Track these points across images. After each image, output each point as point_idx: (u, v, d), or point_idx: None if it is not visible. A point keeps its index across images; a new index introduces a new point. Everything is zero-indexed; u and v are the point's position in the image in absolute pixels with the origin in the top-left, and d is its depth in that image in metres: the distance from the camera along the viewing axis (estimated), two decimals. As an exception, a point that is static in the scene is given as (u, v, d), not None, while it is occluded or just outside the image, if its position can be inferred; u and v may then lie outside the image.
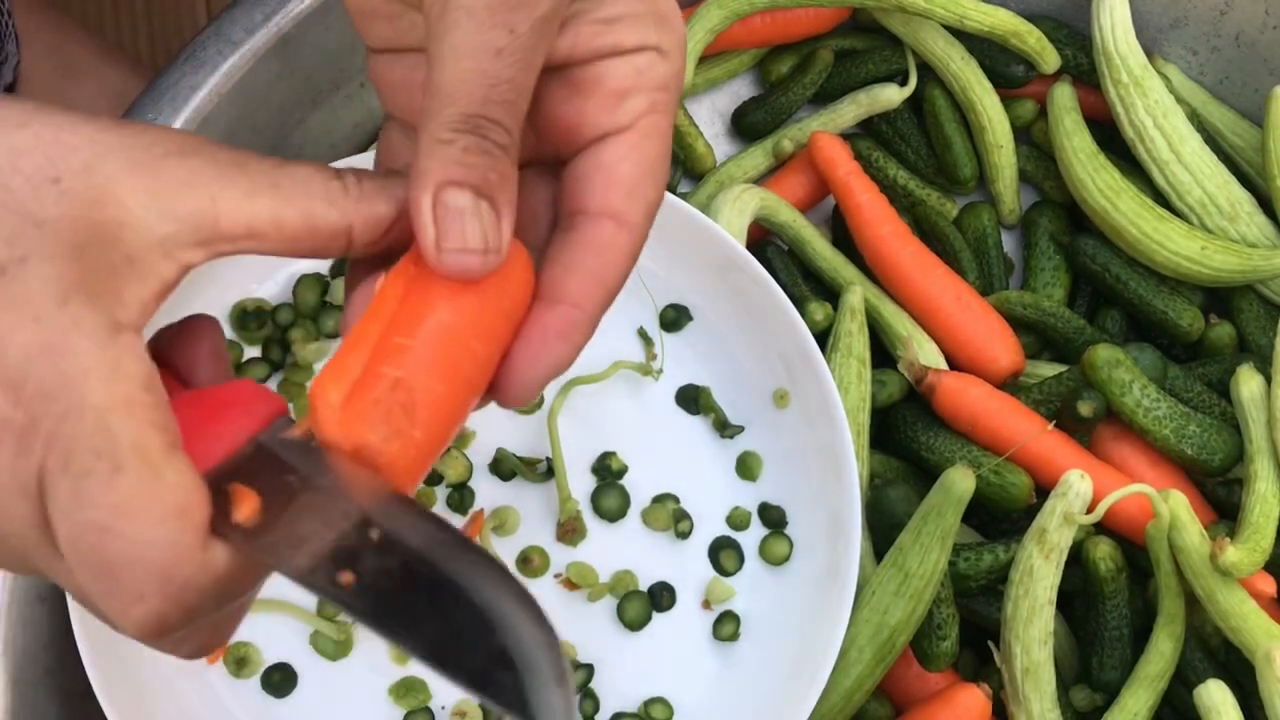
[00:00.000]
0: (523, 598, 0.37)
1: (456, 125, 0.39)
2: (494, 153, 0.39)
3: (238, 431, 0.39)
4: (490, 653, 0.35)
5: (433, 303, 0.39)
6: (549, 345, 0.41)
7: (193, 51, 0.64)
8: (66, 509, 0.35)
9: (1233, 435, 0.71)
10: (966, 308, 0.75)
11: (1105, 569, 0.68)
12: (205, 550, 0.36)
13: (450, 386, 0.39)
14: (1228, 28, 0.79)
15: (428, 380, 0.39)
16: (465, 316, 0.39)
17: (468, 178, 0.39)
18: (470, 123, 0.39)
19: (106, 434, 0.35)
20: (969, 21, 0.78)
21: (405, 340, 0.39)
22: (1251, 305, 0.77)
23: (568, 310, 0.41)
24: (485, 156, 0.39)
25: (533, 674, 0.35)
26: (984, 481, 0.69)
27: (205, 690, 0.64)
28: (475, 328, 0.40)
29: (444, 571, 0.36)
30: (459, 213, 0.39)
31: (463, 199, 0.39)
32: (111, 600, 0.36)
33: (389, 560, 0.36)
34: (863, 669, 0.66)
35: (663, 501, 0.68)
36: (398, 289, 0.40)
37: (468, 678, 0.35)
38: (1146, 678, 0.67)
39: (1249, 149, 0.80)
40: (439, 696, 0.65)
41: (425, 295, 0.39)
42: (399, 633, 0.36)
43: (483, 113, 0.39)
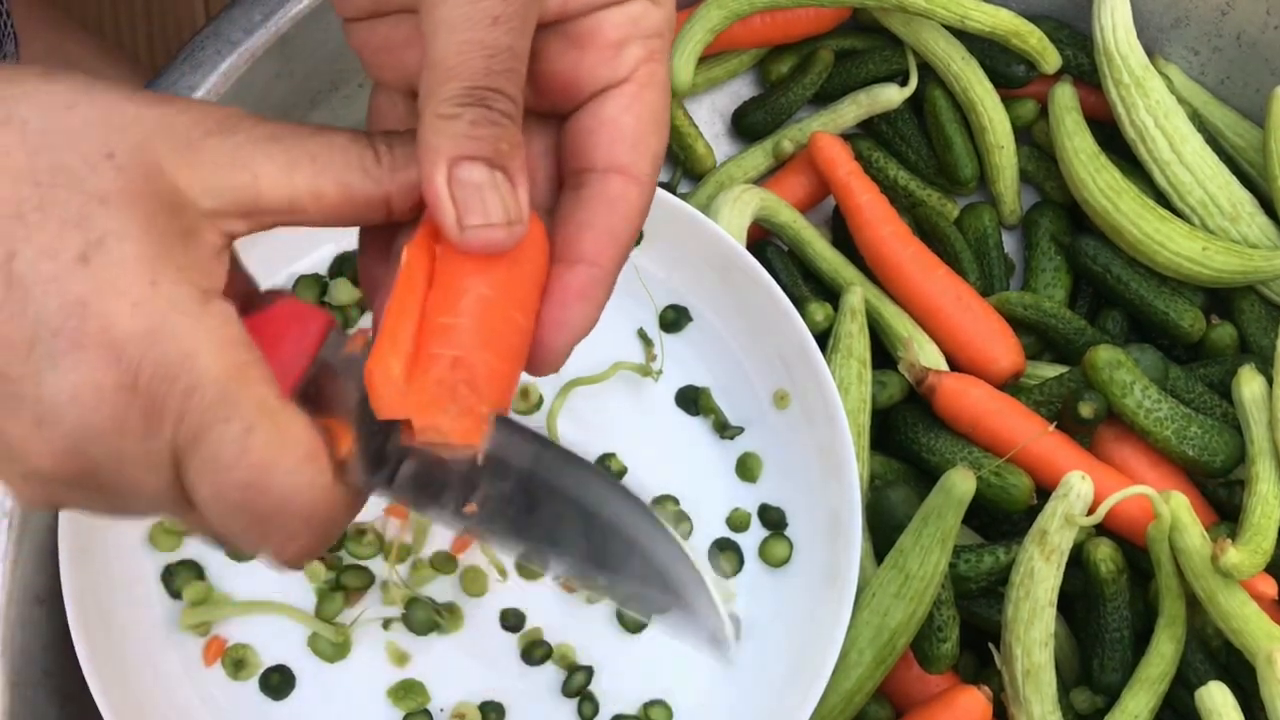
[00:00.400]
0: (643, 509, 0.39)
1: (460, 99, 0.38)
2: (501, 122, 0.39)
3: (302, 355, 0.40)
4: (638, 564, 0.38)
5: (466, 277, 0.39)
6: (573, 308, 0.41)
7: (191, 52, 0.64)
8: (210, 474, 0.37)
9: (1234, 436, 0.71)
10: (967, 308, 0.75)
11: (1106, 570, 0.68)
12: (336, 485, 0.39)
13: (502, 358, 0.39)
14: (1229, 28, 0.79)
15: (484, 355, 0.39)
16: (500, 287, 0.39)
17: (479, 151, 0.38)
18: (474, 95, 0.38)
19: (230, 402, 0.37)
20: (970, 21, 0.77)
21: (451, 319, 0.39)
22: (1253, 306, 0.77)
23: (586, 269, 0.41)
24: (493, 127, 0.39)
25: (683, 584, 0.39)
26: (985, 483, 0.69)
27: (203, 692, 0.64)
28: (511, 297, 0.40)
29: (562, 490, 0.39)
30: (476, 187, 0.38)
31: (478, 173, 0.38)
32: (267, 543, 0.39)
33: (505, 486, 0.39)
34: (863, 671, 0.66)
35: (662, 503, 0.68)
36: (423, 264, 0.39)
37: (624, 584, 0.38)
38: (1147, 680, 0.67)
39: (1250, 149, 0.79)
40: (437, 699, 0.65)
41: (456, 271, 0.39)
42: (536, 554, 0.39)
43: (485, 84, 0.38)
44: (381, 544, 0.66)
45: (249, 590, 0.65)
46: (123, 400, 0.36)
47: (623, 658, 0.66)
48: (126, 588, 0.64)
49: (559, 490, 0.39)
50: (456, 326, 0.39)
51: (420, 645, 0.65)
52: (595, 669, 0.66)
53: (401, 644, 0.65)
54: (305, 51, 0.67)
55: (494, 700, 0.65)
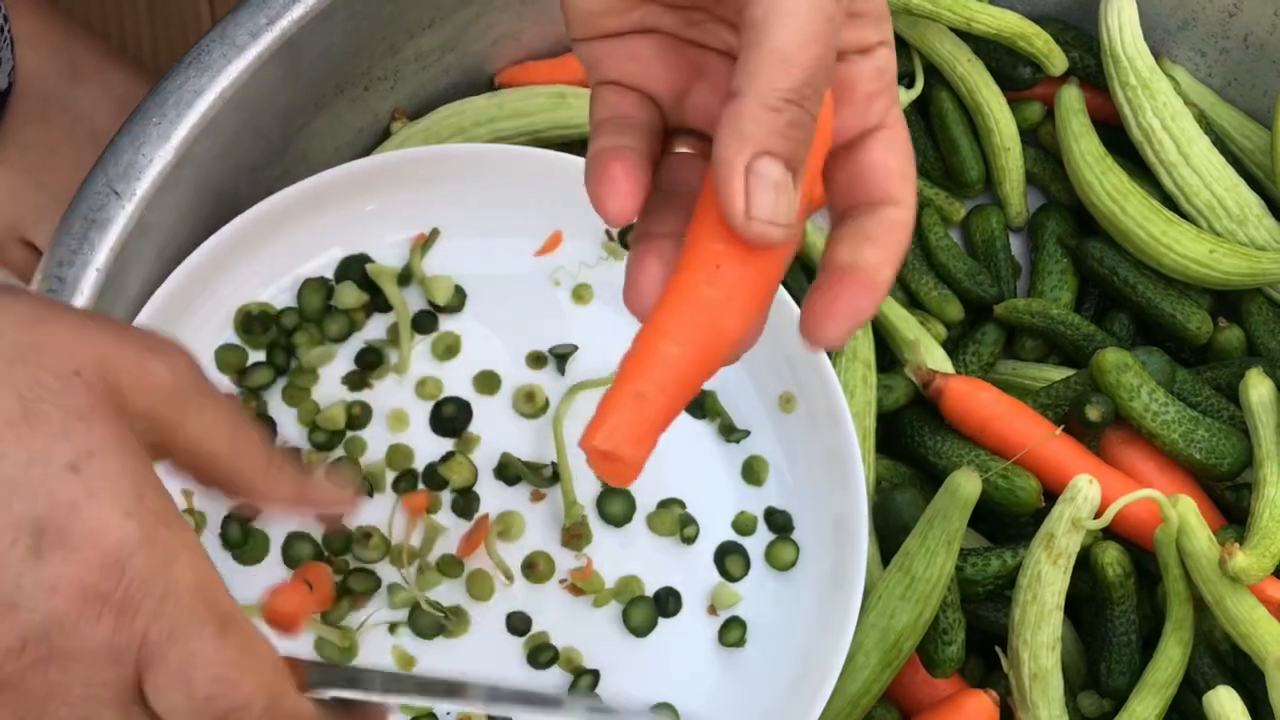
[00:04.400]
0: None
1: (790, 94, 0.39)
2: (809, 127, 0.40)
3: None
4: None
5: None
6: (860, 296, 0.43)
7: (197, 55, 0.64)
8: (182, 671, 0.39)
9: (1242, 439, 0.71)
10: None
11: (1113, 574, 0.68)
12: (301, 700, 0.42)
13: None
14: (1236, 29, 0.78)
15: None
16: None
17: (783, 150, 0.40)
18: (801, 93, 0.39)
19: (206, 606, 0.40)
20: (976, 24, 0.77)
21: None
22: (1260, 309, 0.77)
23: (871, 271, 0.43)
24: (803, 131, 0.40)
25: None
26: (992, 486, 0.69)
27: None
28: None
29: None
30: (772, 184, 0.40)
31: (777, 171, 0.40)
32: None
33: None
34: (869, 674, 0.66)
35: (668, 506, 0.68)
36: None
37: None
38: (1155, 684, 0.66)
39: (1258, 151, 0.79)
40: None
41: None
42: None
43: (813, 82, 0.40)
44: (388, 547, 0.66)
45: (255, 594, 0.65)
46: (101, 599, 0.38)
47: (629, 661, 0.66)
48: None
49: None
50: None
51: (427, 648, 0.65)
52: (601, 672, 0.66)
53: (408, 647, 0.65)
54: (311, 55, 0.67)
55: (500, 704, 0.65)
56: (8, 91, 0.80)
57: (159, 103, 0.64)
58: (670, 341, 0.43)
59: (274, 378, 0.67)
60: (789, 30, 0.39)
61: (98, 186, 0.62)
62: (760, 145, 0.39)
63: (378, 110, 0.75)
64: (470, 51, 0.76)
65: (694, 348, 0.43)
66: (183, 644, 0.39)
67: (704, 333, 0.43)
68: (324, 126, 0.72)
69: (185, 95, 0.64)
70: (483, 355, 0.69)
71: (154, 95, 0.64)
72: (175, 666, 0.39)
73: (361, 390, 0.68)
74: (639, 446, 0.42)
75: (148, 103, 0.64)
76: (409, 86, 0.75)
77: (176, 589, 0.39)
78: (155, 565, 0.39)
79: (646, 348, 0.43)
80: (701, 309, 0.43)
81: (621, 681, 0.66)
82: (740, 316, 0.43)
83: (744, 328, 0.43)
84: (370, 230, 0.69)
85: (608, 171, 0.43)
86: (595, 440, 0.42)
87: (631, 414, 0.42)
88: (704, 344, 0.43)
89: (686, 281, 0.43)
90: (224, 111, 0.65)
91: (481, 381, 0.68)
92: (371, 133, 0.75)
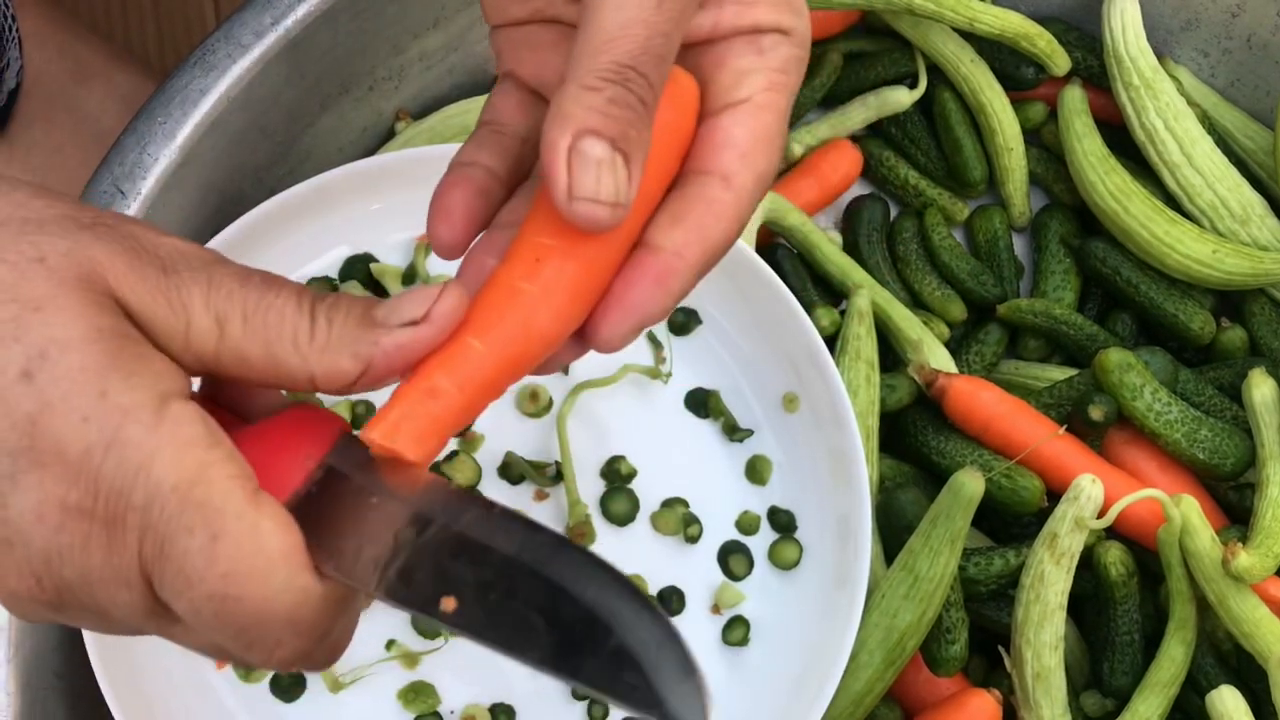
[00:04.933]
0: (631, 593, 0.36)
1: (607, 73, 0.39)
2: (637, 108, 0.39)
3: (306, 459, 0.39)
4: (611, 653, 0.35)
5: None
6: (645, 290, 0.40)
7: (202, 55, 0.64)
8: (179, 589, 0.36)
9: (1244, 439, 0.71)
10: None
11: (1116, 574, 0.68)
12: (318, 585, 0.37)
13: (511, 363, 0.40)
14: (1239, 30, 0.78)
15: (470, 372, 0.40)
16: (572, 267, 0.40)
17: (607, 128, 0.38)
18: (621, 73, 0.39)
19: (193, 508, 0.36)
20: (979, 24, 0.77)
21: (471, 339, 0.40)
22: (1263, 309, 0.77)
23: (668, 257, 0.41)
24: (628, 110, 0.39)
25: (658, 670, 0.35)
26: (995, 485, 0.69)
27: (214, 694, 0.64)
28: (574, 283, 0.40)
29: (545, 575, 0.36)
30: (595, 162, 0.38)
31: (600, 149, 0.38)
32: (252, 654, 0.37)
33: (486, 573, 0.37)
34: (872, 673, 0.66)
35: (672, 505, 0.68)
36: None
37: (593, 682, 0.35)
38: (1158, 683, 0.66)
39: (1260, 152, 0.79)
40: (448, 701, 0.65)
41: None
42: (513, 647, 0.36)
43: (635, 64, 0.39)
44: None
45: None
46: (84, 517, 0.35)
47: (632, 660, 0.66)
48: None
49: (541, 575, 0.37)
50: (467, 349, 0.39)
51: (429, 648, 0.65)
52: (605, 672, 0.66)
53: (411, 646, 0.65)
54: (315, 55, 0.67)
55: (504, 702, 0.65)
56: (16, 91, 0.80)
57: (164, 102, 0.64)
58: (475, 336, 0.39)
59: (278, 377, 0.67)
60: (611, 11, 0.39)
61: (103, 185, 0.63)
62: (581, 124, 0.38)
63: (382, 110, 0.75)
64: (474, 51, 0.76)
65: (500, 345, 0.39)
66: (175, 561, 0.36)
67: (513, 330, 0.40)
68: (328, 126, 0.72)
69: (190, 95, 0.64)
70: (486, 354, 0.69)
71: (159, 95, 0.64)
72: (171, 586, 0.36)
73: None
74: (422, 445, 0.38)
75: (153, 102, 0.64)
76: (413, 86, 0.75)
77: (160, 493, 0.36)
78: (129, 470, 0.35)
79: (451, 341, 0.39)
80: (514, 305, 0.40)
81: (625, 680, 0.66)
82: (555, 316, 0.40)
83: (559, 328, 0.40)
84: (375, 230, 0.69)
85: (444, 201, 0.42)
86: (374, 434, 0.38)
87: (420, 410, 0.38)
88: (512, 342, 0.40)
89: (503, 275, 0.40)
90: (229, 111, 0.65)
91: (485, 381, 0.68)
92: (376, 133, 0.76)
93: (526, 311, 0.40)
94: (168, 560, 0.36)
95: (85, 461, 0.35)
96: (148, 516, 0.36)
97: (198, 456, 0.36)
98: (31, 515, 0.35)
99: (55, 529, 0.35)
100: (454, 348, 0.39)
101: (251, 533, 0.36)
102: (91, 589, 0.36)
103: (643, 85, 0.39)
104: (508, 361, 0.40)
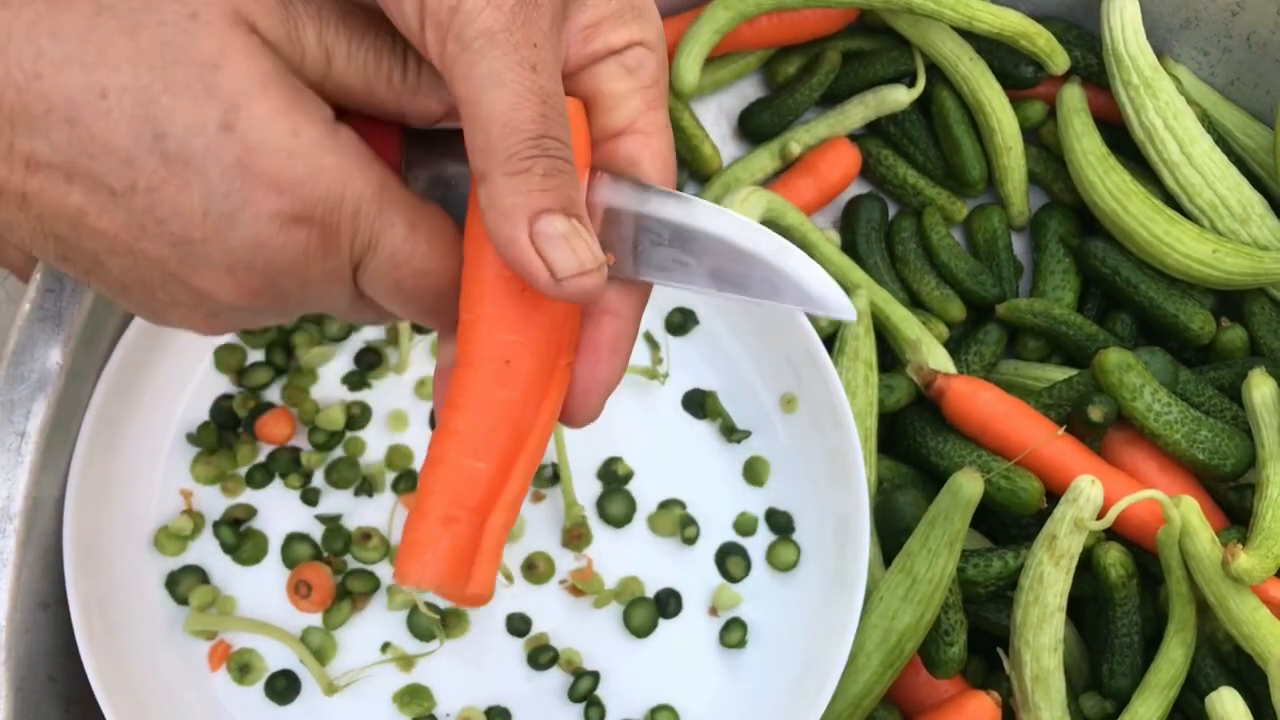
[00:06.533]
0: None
1: (526, 152, 0.39)
2: (566, 170, 0.40)
3: (394, 159, 0.44)
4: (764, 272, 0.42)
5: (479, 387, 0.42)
6: (604, 362, 0.43)
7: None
8: (389, 270, 0.42)
9: (1244, 440, 0.70)
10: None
11: (1116, 575, 0.68)
12: None
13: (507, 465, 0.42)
14: (1239, 28, 0.78)
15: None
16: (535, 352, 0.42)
17: (555, 202, 0.39)
18: (539, 145, 0.39)
19: (390, 210, 0.42)
20: (978, 23, 0.77)
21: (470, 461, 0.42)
22: (1263, 308, 0.76)
23: (610, 320, 0.43)
24: (561, 177, 0.40)
25: (805, 277, 0.42)
26: (994, 486, 0.69)
27: (208, 697, 0.64)
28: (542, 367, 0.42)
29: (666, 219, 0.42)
30: (563, 238, 0.39)
31: (559, 224, 0.39)
32: (439, 312, 0.43)
33: (623, 230, 0.42)
34: (870, 675, 0.66)
35: (669, 507, 0.67)
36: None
37: (759, 293, 0.41)
38: (1157, 685, 0.66)
39: (1260, 151, 0.79)
40: (443, 703, 0.65)
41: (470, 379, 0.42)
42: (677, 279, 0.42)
43: (545, 132, 0.39)
44: (388, 548, 0.66)
45: (253, 596, 0.65)
46: (302, 235, 0.41)
47: (629, 663, 0.66)
48: (131, 593, 0.64)
49: (668, 221, 0.42)
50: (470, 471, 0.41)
51: (425, 650, 0.65)
52: (601, 674, 0.66)
53: (406, 648, 0.65)
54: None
55: (500, 705, 0.65)
56: None
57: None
58: (473, 457, 0.40)
59: (273, 377, 0.67)
60: (494, 93, 0.39)
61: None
62: (530, 209, 0.39)
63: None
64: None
65: (500, 457, 0.41)
66: (383, 250, 0.42)
67: (507, 439, 0.41)
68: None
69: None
70: (483, 355, 0.69)
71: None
72: (380, 270, 0.42)
73: (361, 390, 0.68)
74: (460, 577, 0.40)
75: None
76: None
77: (362, 202, 0.41)
78: (335, 189, 0.41)
79: (449, 465, 0.41)
80: (499, 415, 0.41)
81: (622, 683, 0.66)
82: (541, 410, 0.41)
83: (550, 413, 0.42)
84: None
85: None
86: (410, 580, 0.40)
87: (446, 543, 0.40)
88: (509, 450, 0.41)
89: (476, 385, 0.41)
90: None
91: (481, 381, 0.68)
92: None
93: (514, 416, 0.41)
94: (377, 250, 0.42)
95: (297, 189, 0.40)
96: (357, 222, 0.41)
97: (378, 171, 0.42)
98: (252, 244, 0.40)
99: (277, 249, 0.41)
100: (454, 473, 0.41)
101: (436, 221, 0.42)
102: (306, 291, 0.42)
103: (559, 147, 0.40)
104: (515, 469, 0.41)
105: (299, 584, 0.65)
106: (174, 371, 0.66)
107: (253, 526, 0.65)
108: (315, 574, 0.65)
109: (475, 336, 0.41)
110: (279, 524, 0.66)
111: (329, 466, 0.66)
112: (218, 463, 0.65)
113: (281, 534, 0.66)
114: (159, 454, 0.65)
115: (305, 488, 0.66)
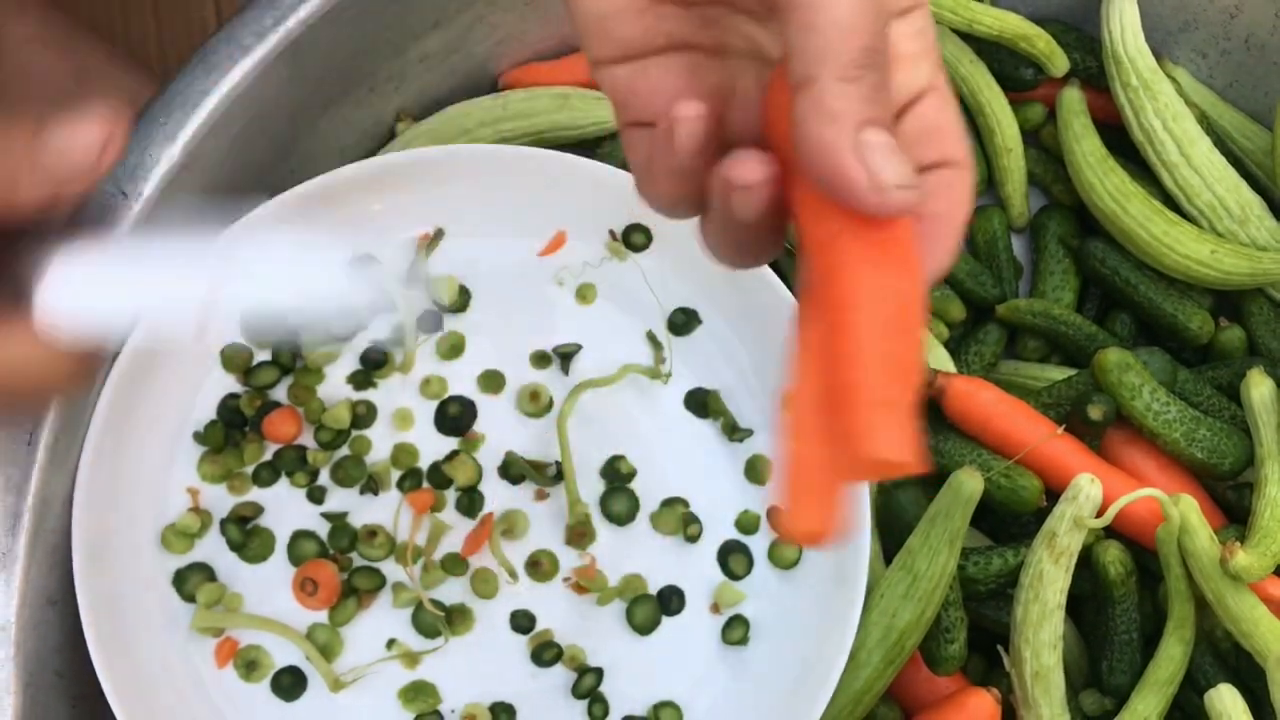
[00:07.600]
0: None
1: (861, 60, 0.38)
2: (887, 88, 0.39)
3: None
4: None
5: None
6: (935, 244, 0.42)
7: (203, 56, 0.65)
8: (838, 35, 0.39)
9: (1243, 439, 0.71)
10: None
11: (1115, 573, 0.68)
12: None
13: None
14: (1238, 30, 0.79)
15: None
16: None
17: (879, 115, 0.38)
18: (871, 57, 0.38)
19: None
20: (978, 25, 0.77)
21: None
22: (1261, 309, 0.77)
23: (941, 223, 0.42)
24: (885, 91, 0.39)
25: None
26: (994, 485, 0.69)
27: (214, 693, 0.64)
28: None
29: None
30: (886, 150, 0.38)
31: (882, 137, 0.38)
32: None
33: None
34: (871, 672, 0.66)
35: (672, 505, 0.68)
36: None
37: None
38: (1156, 682, 0.67)
39: (1259, 152, 0.79)
40: (448, 700, 0.65)
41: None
42: None
43: (877, 45, 0.38)
44: (393, 545, 0.66)
45: (259, 593, 0.65)
46: None
47: (633, 659, 0.66)
48: (139, 589, 0.64)
49: None
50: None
51: (430, 647, 0.66)
52: (605, 671, 0.66)
53: (411, 645, 0.66)
54: (317, 56, 0.68)
55: (504, 701, 0.65)
56: None
57: (165, 104, 0.64)
58: (887, 342, 0.39)
59: (279, 376, 0.68)
60: (832, 5, 0.38)
61: (105, 187, 0.63)
62: (858, 117, 0.38)
63: (383, 111, 0.75)
64: (474, 53, 0.76)
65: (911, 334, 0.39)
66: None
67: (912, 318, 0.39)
68: (329, 127, 0.73)
69: (191, 96, 0.64)
70: (487, 355, 0.69)
71: (160, 96, 0.64)
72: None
73: (366, 389, 0.68)
74: (911, 449, 0.38)
75: (154, 104, 0.64)
76: (414, 88, 0.75)
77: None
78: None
79: (863, 352, 0.39)
80: (875, 289, 0.39)
81: (625, 679, 0.66)
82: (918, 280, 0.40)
83: (931, 269, 0.41)
84: (376, 230, 0.69)
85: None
86: (879, 451, 0.38)
87: (898, 420, 0.38)
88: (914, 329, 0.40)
89: (838, 278, 0.39)
90: (230, 112, 0.65)
91: (486, 381, 0.69)
92: (376, 134, 0.76)
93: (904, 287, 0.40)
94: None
95: None
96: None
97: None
98: None
99: None
100: (874, 360, 0.39)
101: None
102: None
103: (885, 64, 0.39)
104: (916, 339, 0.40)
105: (305, 581, 0.65)
106: (181, 371, 0.66)
107: (259, 524, 0.66)
108: (321, 571, 0.65)
109: (819, 249, 0.40)
110: (285, 521, 0.66)
111: (335, 465, 0.67)
112: (225, 461, 0.66)
113: (288, 531, 0.66)
114: (166, 453, 0.66)
115: (311, 486, 0.66)
